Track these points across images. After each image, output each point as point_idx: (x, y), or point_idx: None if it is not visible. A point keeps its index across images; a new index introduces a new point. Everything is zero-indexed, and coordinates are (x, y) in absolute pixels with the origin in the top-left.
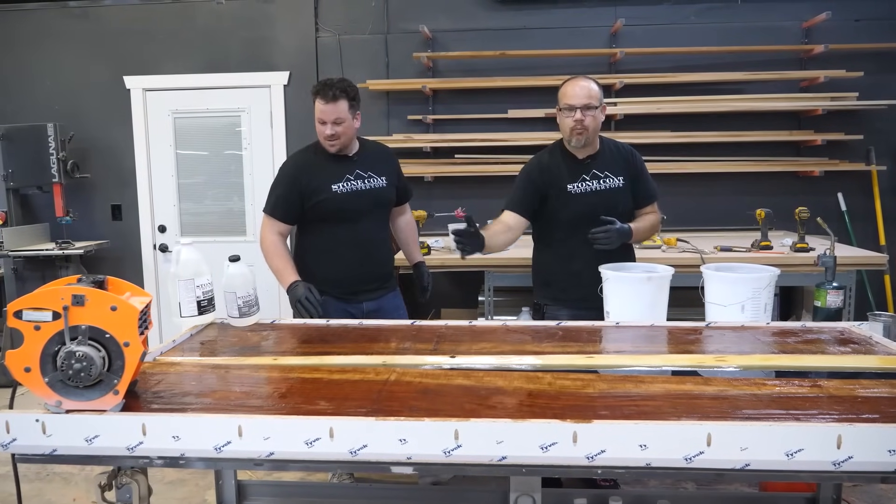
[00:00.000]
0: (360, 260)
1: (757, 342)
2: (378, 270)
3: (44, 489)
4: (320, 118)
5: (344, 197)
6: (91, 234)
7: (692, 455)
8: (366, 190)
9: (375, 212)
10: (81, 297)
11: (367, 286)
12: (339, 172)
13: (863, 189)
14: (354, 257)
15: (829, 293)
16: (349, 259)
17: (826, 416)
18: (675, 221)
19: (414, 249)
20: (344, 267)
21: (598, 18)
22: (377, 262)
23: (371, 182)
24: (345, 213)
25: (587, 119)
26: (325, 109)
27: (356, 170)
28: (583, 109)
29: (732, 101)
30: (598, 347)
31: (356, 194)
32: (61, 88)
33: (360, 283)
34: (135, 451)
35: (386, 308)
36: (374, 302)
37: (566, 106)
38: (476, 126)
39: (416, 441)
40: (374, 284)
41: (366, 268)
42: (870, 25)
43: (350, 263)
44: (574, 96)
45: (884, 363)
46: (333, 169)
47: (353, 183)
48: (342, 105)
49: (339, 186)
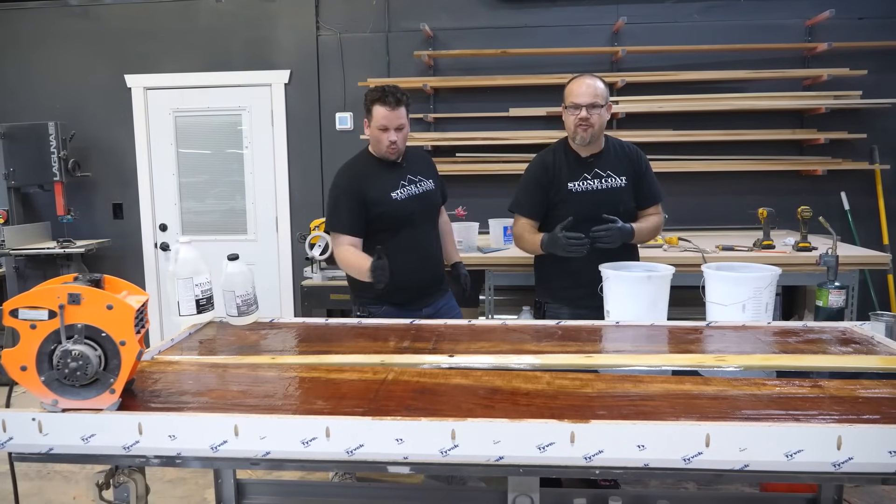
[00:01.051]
0: (421, 264)
1: (758, 342)
2: (437, 273)
3: (44, 487)
4: (384, 125)
5: (403, 203)
6: (92, 232)
7: (690, 455)
8: (420, 194)
9: (430, 215)
10: (77, 296)
11: (427, 290)
12: (394, 180)
13: (866, 188)
14: (415, 262)
15: (830, 293)
16: (412, 264)
17: (826, 417)
18: (676, 220)
19: (452, 249)
20: (408, 273)
21: (600, 17)
22: (436, 265)
23: (423, 186)
24: (406, 219)
25: (593, 117)
26: (390, 116)
27: (408, 175)
28: (588, 108)
29: (735, 99)
30: (598, 347)
31: (413, 199)
32: (62, 87)
33: (422, 288)
34: (131, 450)
35: (443, 311)
36: (431, 307)
37: (572, 104)
38: (477, 125)
39: (412, 441)
40: (433, 288)
41: (427, 272)
42: (873, 23)
43: (414, 269)
44: (580, 95)
45: (885, 363)
46: (388, 177)
47: (409, 188)
48: (403, 111)
49: (397, 193)
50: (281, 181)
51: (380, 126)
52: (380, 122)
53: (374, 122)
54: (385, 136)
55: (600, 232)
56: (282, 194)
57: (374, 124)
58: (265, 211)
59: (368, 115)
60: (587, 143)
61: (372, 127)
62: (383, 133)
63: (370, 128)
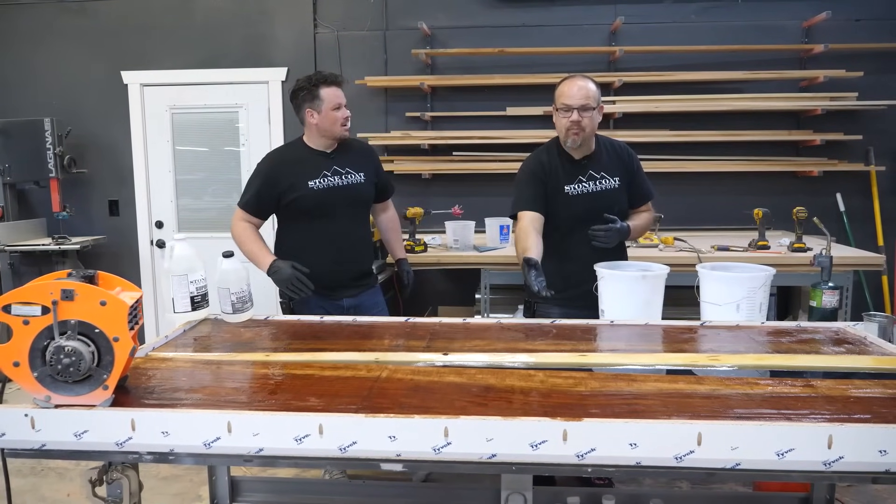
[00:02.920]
0: (336, 256)
1: (751, 342)
2: (356, 267)
3: (38, 484)
4: (337, 102)
5: (320, 193)
6: (88, 229)
7: (682, 454)
8: (342, 186)
9: (352, 208)
10: (71, 292)
11: (344, 283)
12: (317, 168)
13: (861, 189)
14: (331, 254)
15: (824, 293)
16: (326, 255)
17: (818, 416)
18: (672, 220)
19: (396, 246)
20: (321, 263)
21: (598, 16)
22: (354, 259)
23: (348, 178)
24: (321, 209)
25: (584, 120)
26: (339, 93)
27: (333, 166)
28: (580, 110)
29: (731, 100)
30: (592, 346)
31: (332, 190)
32: (59, 83)
33: (337, 280)
34: (124, 446)
35: (365, 304)
36: (354, 298)
37: (563, 106)
38: (474, 123)
39: (405, 438)
40: (352, 281)
41: (343, 265)
42: (870, 25)
43: (326, 260)
44: (571, 96)
45: (878, 363)
46: (311, 165)
47: (330, 179)
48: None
49: (315, 183)
50: None
51: (333, 105)
52: (333, 102)
53: (327, 105)
54: (339, 115)
55: (600, 232)
56: None
57: (327, 106)
58: None
59: (314, 101)
60: (578, 146)
61: (325, 110)
62: (338, 112)
63: (321, 113)
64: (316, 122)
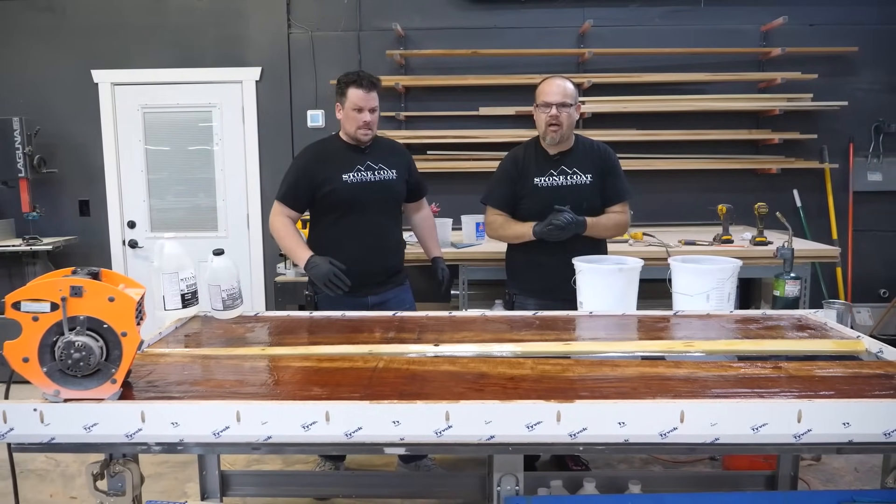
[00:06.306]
0: (365, 252)
1: (722, 329)
2: (384, 263)
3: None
4: (359, 105)
5: (354, 187)
6: (58, 229)
7: (667, 431)
8: (376, 181)
9: (384, 204)
10: (80, 289)
11: (372, 279)
12: (351, 163)
13: (816, 186)
14: (360, 249)
15: (787, 283)
16: (355, 250)
17: (787, 394)
18: (641, 217)
19: (431, 244)
20: (350, 258)
21: (567, 19)
22: (383, 256)
23: (381, 174)
24: (353, 203)
25: (562, 115)
26: (364, 97)
27: (367, 161)
28: (558, 106)
29: (695, 100)
30: (574, 335)
31: (366, 185)
32: (27, 82)
33: (365, 276)
34: (133, 437)
35: (392, 302)
36: (379, 296)
37: (543, 103)
38: (448, 123)
39: (408, 423)
40: (379, 278)
41: (371, 260)
42: (824, 30)
43: (356, 255)
44: (550, 94)
45: (837, 346)
46: (345, 159)
47: (364, 174)
48: (375, 94)
49: (349, 176)
50: (252, 178)
51: (354, 107)
52: (354, 104)
53: (349, 104)
54: (359, 117)
55: (555, 219)
56: (253, 191)
57: (349, 106)
58: (236, 208)
59: (342, 97)
60: (556, 143)
61: (346, 108)
62: (358, 114)
63: (343, 110)
64: (340, 118)
